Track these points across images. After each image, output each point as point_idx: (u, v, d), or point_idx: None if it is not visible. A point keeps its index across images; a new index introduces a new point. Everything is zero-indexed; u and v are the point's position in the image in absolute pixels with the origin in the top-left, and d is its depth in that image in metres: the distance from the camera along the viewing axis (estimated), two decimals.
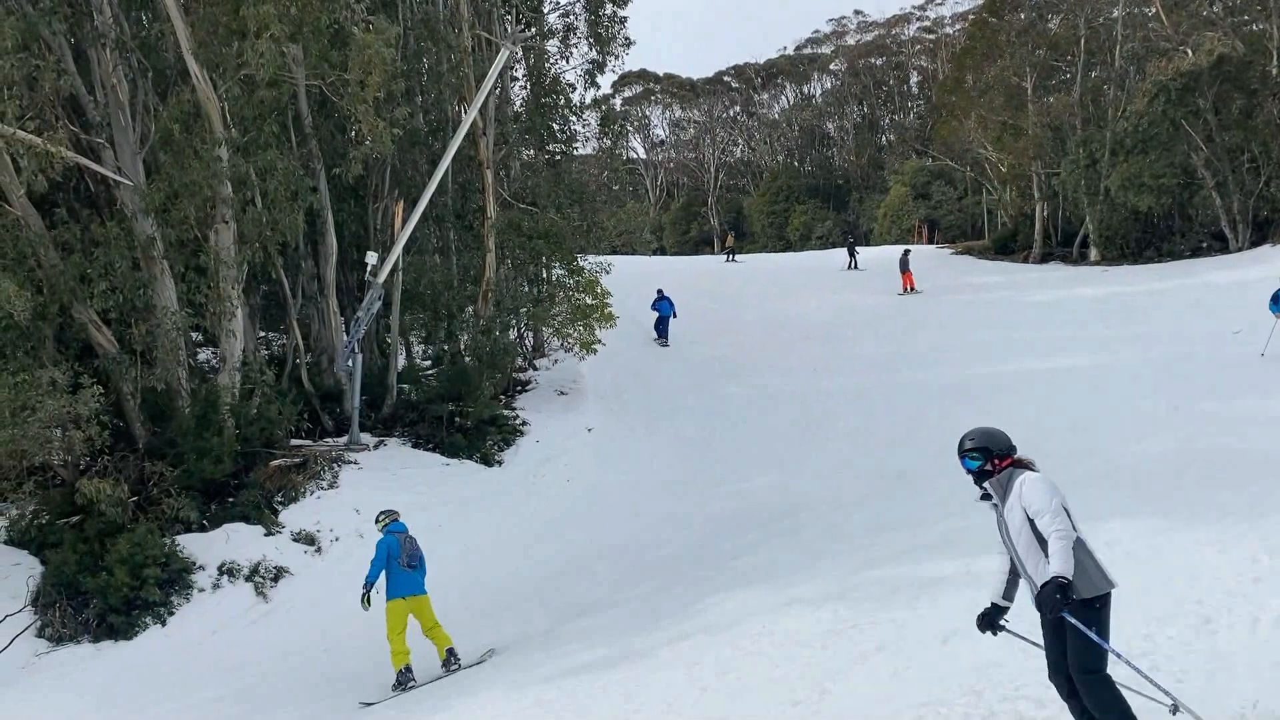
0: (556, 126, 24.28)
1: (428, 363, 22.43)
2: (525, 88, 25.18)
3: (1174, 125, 36.08)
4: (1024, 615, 5.38)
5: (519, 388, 22.10)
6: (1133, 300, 28.58)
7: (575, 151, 26.80)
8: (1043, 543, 4.96)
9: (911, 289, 33.67)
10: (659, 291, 27.52)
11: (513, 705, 8.08)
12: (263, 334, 20.34)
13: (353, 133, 18.30)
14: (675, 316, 27.17)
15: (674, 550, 14.28)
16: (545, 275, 24.41)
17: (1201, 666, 5.87)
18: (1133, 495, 11.60)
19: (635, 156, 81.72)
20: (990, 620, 5.37)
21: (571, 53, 24.46)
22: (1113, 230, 38.75)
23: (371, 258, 17.39)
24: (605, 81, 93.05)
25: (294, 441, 16.66)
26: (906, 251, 36.49)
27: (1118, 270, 35.67)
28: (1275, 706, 5.21)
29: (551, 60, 24.53)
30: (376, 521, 11.11)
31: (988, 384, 20.73)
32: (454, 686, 9.44)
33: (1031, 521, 5.03)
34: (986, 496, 5.40)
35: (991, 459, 5.34)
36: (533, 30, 23.07)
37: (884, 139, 71.97)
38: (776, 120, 78.87)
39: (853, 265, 41.01)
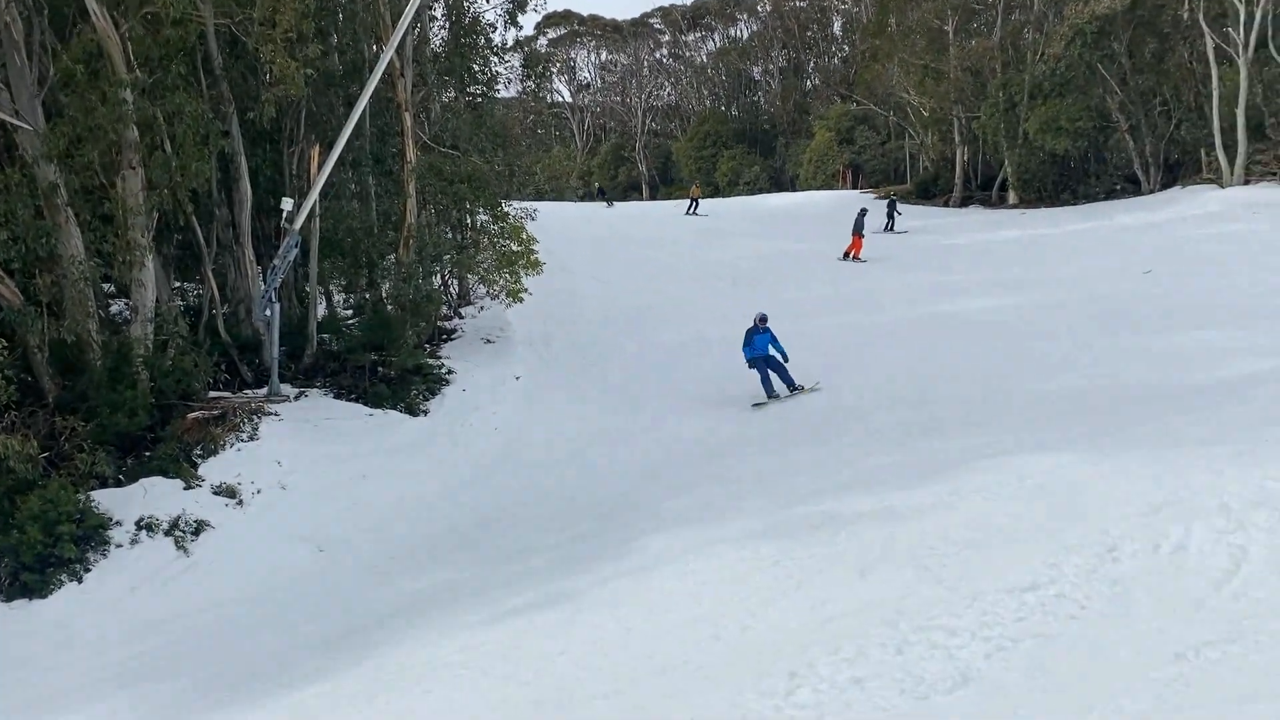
0: (477, 68, 23.77)
1: (349, 312, 22.08)
2: (444, 27, 24.62)
3: (1090, 69, 36.77)
4: None
5: (444, 336, 21.88)
6: (1049, 242, 29.31)
7: (497, 94, 26.31)
8: None
9: (854, 256, 29.86)
10: (760, 319, 18.17)
11: (439, 652, 8.08)
12: (178, 284, 19.82)
13: (265, 75, 17.75)
14: (786, 357, 17.87)
15: (603, 495, 14.35)
16: (469, 221, 24.06)
17: (1105, 592, 6.09)
18: (1046, 430, 11.96)
19: (561, 100, 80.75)
20: None
21: None
22: (1030, 173, 39.56)
23: (287, 204, 16.95)
24: (529, 22, 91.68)
25: (212, 394, 16.33)
26: (863, 211, 31.90)
27: (1035, 213, 36.48)
28: (1169, 626, 5.45)
29: None
30: None
31: (910, 327, 21.12)
32: (380, 634, 9.42)
33: None
34: None
35: None
36: None
37: (809, 84, 72.04)
38: (704, 64, 78.41)
39: (890, 227, 35.49)
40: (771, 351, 17.93)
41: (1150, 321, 18.51)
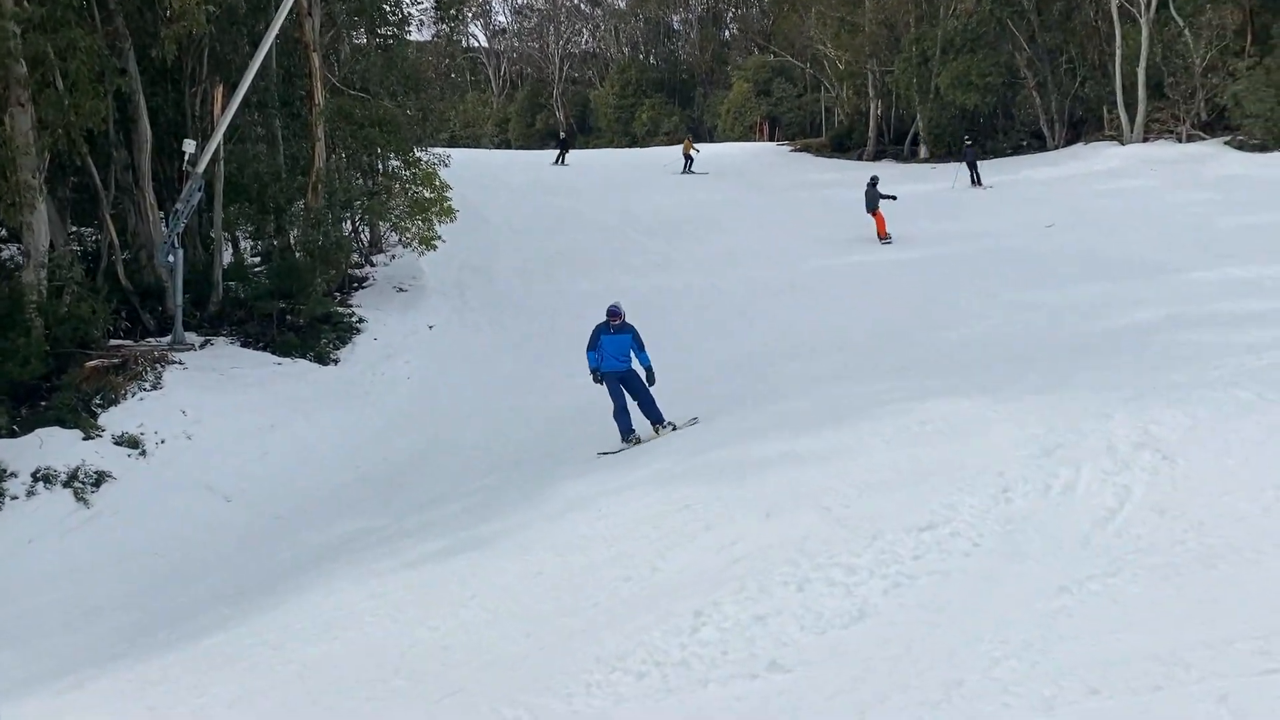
0: (388, 8, 23.18)
1: (256, 259, 21.54)
2: None
3: (1000, 25, 37.36)
4: None
5: (355, 285, 21.52)
6: (957, 196, 29.84)
7: (409, 36, 25.69)
8: None
9: (881, 236, 24.33)
10: (612, 313, 12.23)
11: (348, 598, 8.05)
12: (75, 229, 19.09)
13: (165, 10, 17.03)
14: (651, 377, 11.99)
15: (517, 444, 14.36)
16: (380, 167, 23.56)
17: (998, 530, 6.33)
18: (948, 378, 12.25)
19: (476, 45, 79.10)
20: None
21: None
22: (941, 128, 40.17)
23: (189, 145, 16.43)
24: None
25: (112, 342, 15.87)
26: (874, 180, 25.96)
27: (945, 166, 37.02)
28: (1056, 562, 5.71)
29: None
30: None
31: (819, 278, 21.40)
32: (290, 582, 9.34)
33: None
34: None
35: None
36: None
37: (727, 33, 71.72)
38: (623, 11, 77.39)
39: (975, 179, 31.59)
40: (634, 365, 11.99)
41: (1051, 273, 19.05)
